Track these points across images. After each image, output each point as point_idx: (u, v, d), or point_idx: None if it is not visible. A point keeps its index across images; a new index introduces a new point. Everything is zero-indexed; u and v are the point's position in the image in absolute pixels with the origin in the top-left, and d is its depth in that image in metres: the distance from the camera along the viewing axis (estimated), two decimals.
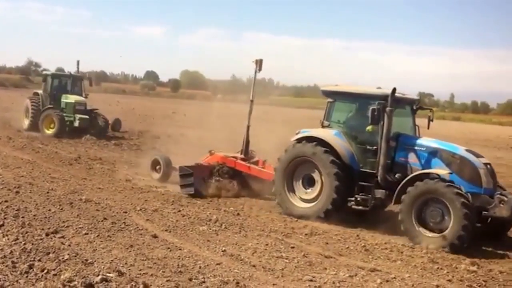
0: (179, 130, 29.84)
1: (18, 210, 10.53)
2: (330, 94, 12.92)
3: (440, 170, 11.16)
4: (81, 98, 26.25)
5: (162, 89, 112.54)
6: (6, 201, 11.19)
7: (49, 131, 24.69)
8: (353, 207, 12.05)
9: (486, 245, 10.95)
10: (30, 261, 7.61)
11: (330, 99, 12.90)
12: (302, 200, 12.63)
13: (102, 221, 10.30)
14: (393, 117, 11.53)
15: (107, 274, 7.28)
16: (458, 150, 11.53)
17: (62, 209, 11.04)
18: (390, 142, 11.64)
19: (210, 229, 10.53)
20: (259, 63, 15.25)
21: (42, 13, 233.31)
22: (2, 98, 48.63)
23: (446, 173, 11.01)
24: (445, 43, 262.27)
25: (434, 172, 11.11)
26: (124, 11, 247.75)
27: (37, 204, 11.22)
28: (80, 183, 14.09)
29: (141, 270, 7.72)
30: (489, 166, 11.36)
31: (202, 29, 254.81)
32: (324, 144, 12.15)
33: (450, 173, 11.04)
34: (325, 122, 12.90)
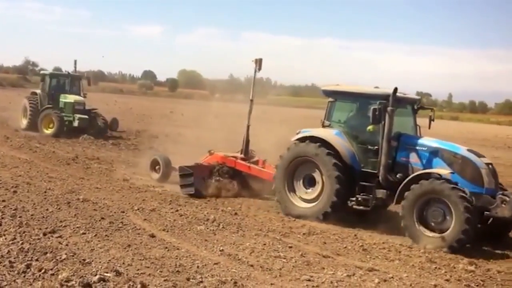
0: (177, 130, 29.81)
1: (15, 209, 10.51)
2: (331, 93, 12.87)
3: (441, 170, 11.10)
4: (80, 98, 26.20)
5: (160, 88, 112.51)
6: (3, 200, 11.16)
7: (48, 131, 24.66)
8: (354, 207, 12.01)
9: (484, 244, 10.95)
10: (28, 260, 7.59)
11: (331, 99, 12.84)
12: (303, 200, 12.58)
13: (99, 220, 10.29)
14: (394, 116, 11.47)
15: (105, 274, 7.27)
16: (459, 150, 11.47)
17: (59, 208, 11.02)
18: (391, 142, 11.59)
19: (208, 228, 10.52)
20: (259, 63, 15.17)
21: (40, 12, 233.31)
22: None
23: (448, 173, 10.94)
24: (443, 43, 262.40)
25: (436, 172, 11.04)
26: (121, 11, 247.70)
27: (34, 203, 11.20)
28: (77, 183, 14.07)
29: (138, 270, 7.70)
30: (490, 166, 11.31)
31: (200, 28, 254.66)
32: (327, 145, 12.05)
33: (451, 173, 10.97)
34: (326, 122, 12.85)
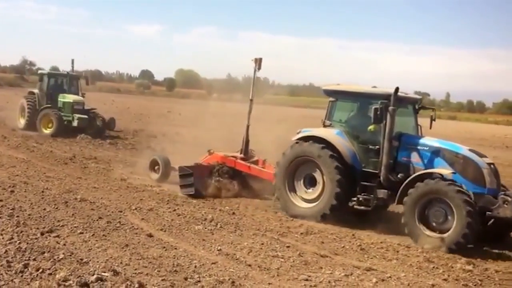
0: (174, 129, 29.81)
1: (13, 209, 10.49)
2: (332, 93, 12.80)
3: (443, 170, 11.04)
4: (79, 98, 26.09)
5: (157, 88, 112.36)
6: (0, 200, 11.14)
7: (47, 131, 24.60)
8: (355, 207, 11.98)
9: (482, 244, 10.91)
10: (25, 260, 7.58)
11: (332, 98, 12.78)
12: (303, 200, 12.53)
13: (97, 220, 10.28)
14: (395, 116, 11.43)
15: (102, 274, 7.26)
16: (461, 149, 11.41)
17: (57, 208, 11.00)
18: (392, 142, 11.53)
19: (206, 228, 10.52)
20: (259, 62, 15.07)
21: (37, 12, 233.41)
22: None
23: (449, 173, 10.88)
24: (441, 43, 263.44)
25: (438, 172, 10.98)
26: (119, 10, 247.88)
27: (32, 203, 11.18)
28: (75, 182, 14.05)
29: (136, 270, 7.70)
30: (492, 166, 11.24)
31: (198, 28, 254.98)
32: (330, 147, 11.97)
33: (453, 173, 10.91)
34: (326, 122, 12.79)
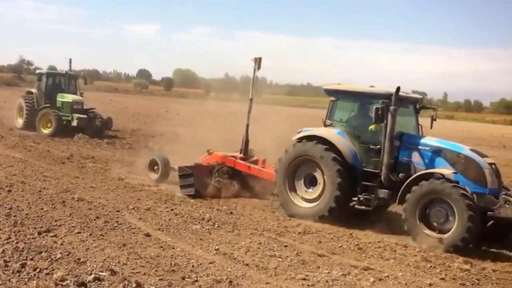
0: (172, 129, 29.76)
1: (10, 209, 10.48)
2: (333, 92, 12.77)
3: (444, 170, 11.00)
4: (78, 98, 26.04)
5: (155, 87, 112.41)
6: None
7: (46, 131, 24.57)
8: (356, 207, 11.96)
9: (480, 243, 10.90)
10: (23, 260, 7.57)
11: (332, 98, 12.75)
12: (304, 199, 12.49)
13: (94, 220, 10.26)
14: (396, 116, 11.40)
15: (100, 273, 7.25)
16: (462, 149, 11.38)
17: (54, 208, 10.99)
18: (393, 141, 11.51)
19: (203, 228, 10.51)
20: (258, 62, 14.98)
21: (35, 11, 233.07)
22: None
23: (451, 173, 10.84)
24: (438, 42, 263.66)
25: (439, 171, 10.94)
26: (117, 9, 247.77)
27: (29, 203, 11.16)
28: (72, 182, 14.04)
29: (133, 269, 7.69)
30: (494, 166, 11.21)
31: (196, 27, 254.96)
32: (334, 149, 11.92)
33: (454, 173, 10.87)
34: (327, 121, 12.76)
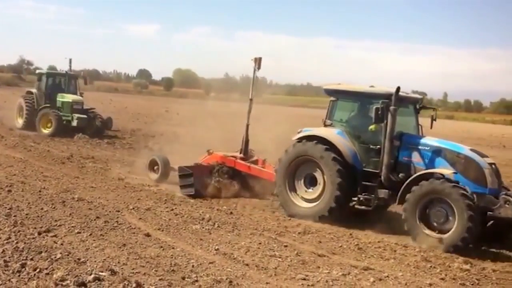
0: (172, 129, 29.76)
1: (10, 209, 10.47)
2: (333, 92, 12.75)
3: (444, 170, 10.99)
4: (78, 98, 26.03)
5: (155, 87, 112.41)
6: None
7: (46, 131, 24.56)
8: (356, 207, 11.94)
9: (480, 243, 10.89)
10: (23, 260, 7.57)
11: (332, 98, 12.73)
12: (303, 199, 12.48)
13: (94, 220, 10.26)
14: (396, 116, 11.39)
15: (100, 273, 7.25)
16: (462, 149, 11.37)
17: (54, 208, 10.99)
18: (393, 141, 11.49)
19: (203, 228, 10.51)
20: (258, 62, 14.95)
21: (34, 11, 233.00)
22: None
23: (451, 173, 10.83)
24: (438, 42, 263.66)
25: (439, 172, 10.92)
26: (117, 9, 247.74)
27: (29, 203, 11.16)
28: (72, 182, 14.03)
29: (133, 269, 7.69)
30: (494, 166, 11.20)
31: (196, 27, 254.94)
32: (334, 149, 11.90)
33: (454, 173, 10.86)
34: (327, 121, 12.75)
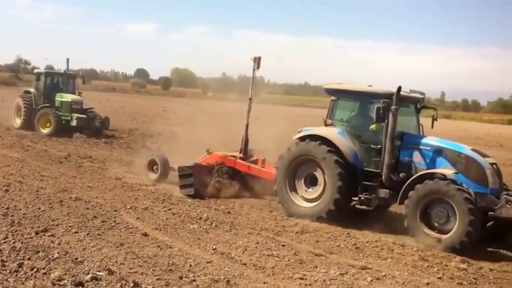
0: (170, 128, 29.74)
1: (7, 208, 10.46)
2: (334, 92, 12.72)
3: (445, 170, 10.97)
4: (77, 97, 25.96)
5: (153, 87, 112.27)
6: None
7: (45, 130, 24.50)
8: (356, 207, 11.92)
9: (478, 243, 10.81)
10: (20, 259, 7.56)
11: (333, 97, 12.70)
12: (304, 199, 12.47)
13: (92, 219, 10.25)
14: (397, 115, 11.37)
15: (97, 273, 7.25)
16: (463, 149, 11.36)
17: (51, 207, 10.97)
18: (394, 141, 11.47)
19: (201, 227, 10.51)
20: (257, 61, 14.88)
21: (32, 10, 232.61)
22: None
23: (452, 173, 10.81)
24: (436, 42, 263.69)
25: (440, 172, 10.91)
26: (114, 9, 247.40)
27: (26, 202, 11.14)
28: (70, 181, 14.02)
29: (131, 269, 7.69)
30: (495, 166, 11.20)
31: (193, 26, 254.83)
32: (337, 152, 11.86)
33: (455, 173, 10.84)
34: (328, 121, 12.72)
